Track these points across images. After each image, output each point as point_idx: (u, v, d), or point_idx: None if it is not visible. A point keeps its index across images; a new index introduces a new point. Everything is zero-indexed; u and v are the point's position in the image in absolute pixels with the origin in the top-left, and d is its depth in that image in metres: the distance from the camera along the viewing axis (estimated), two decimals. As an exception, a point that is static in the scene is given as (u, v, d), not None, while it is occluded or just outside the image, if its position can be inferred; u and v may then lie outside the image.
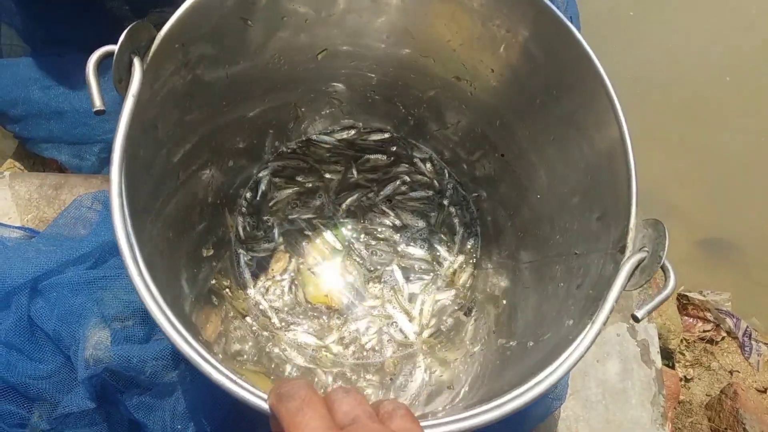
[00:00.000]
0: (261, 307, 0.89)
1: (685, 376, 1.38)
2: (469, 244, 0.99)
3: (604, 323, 0.55)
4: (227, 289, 0.83)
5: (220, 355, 0.75)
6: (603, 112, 0.64)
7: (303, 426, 0.35)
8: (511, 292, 0.85)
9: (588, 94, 0.64)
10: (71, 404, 0.76)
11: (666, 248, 0.54)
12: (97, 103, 0.49)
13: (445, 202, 1.01)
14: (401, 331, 0.91)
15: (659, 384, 1.04)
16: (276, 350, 0.86)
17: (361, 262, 0.95)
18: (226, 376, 0.44)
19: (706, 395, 1.36)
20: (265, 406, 0.43)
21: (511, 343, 0.74)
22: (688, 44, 1.60)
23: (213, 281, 0.79)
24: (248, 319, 0.85)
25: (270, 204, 0.97)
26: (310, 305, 0.92)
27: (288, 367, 0.84)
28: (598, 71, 0.62)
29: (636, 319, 0.55)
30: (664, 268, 0.54)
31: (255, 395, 0.44)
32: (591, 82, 0.63)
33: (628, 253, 0.57)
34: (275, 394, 0.38)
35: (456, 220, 1.00)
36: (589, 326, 0.54)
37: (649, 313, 0.54)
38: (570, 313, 0.64)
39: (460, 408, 0.55)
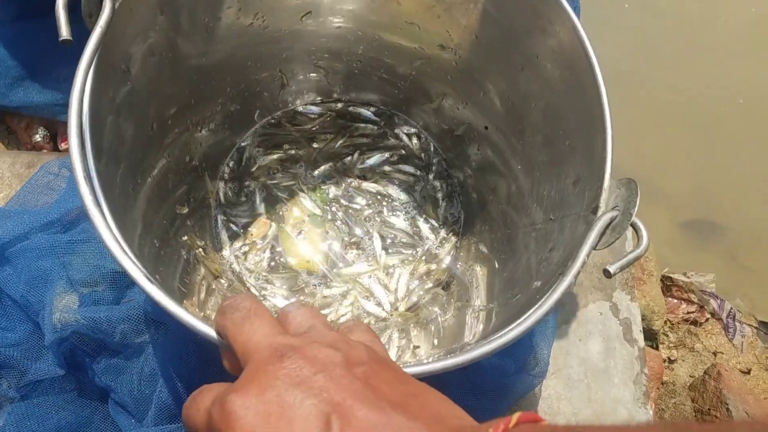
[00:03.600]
0: (236, 270, 0.89)
1: (668, 358, 1.38)
2: (451, 219, 0.98)
3: (575, 277, 0.54)
4: (201, 249, 0.82)
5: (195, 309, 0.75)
6: (583, 73, 0.63)
7: (251, 334, 0.32)
8: (489, 263, 0.85)
9: (569, 59, 0.64)
10: (40, 371, 0.75)
11: (637, 205, 0.53)
12: (64, 33, 0.48)
13: (430, 176, 1.00)
14: (378, 303, 0.90)
15: (642, 363, 1.03)
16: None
17: (340, 228, 0.95)
18: (193, 315, 0.43)
19: (690, 376, 1.36)
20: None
21: (481, 308, 0.74)
22: (677, 25, 1.60)
23: (185, 237, 0.78)
24: (222, 280, 0.84)
25: (252, 169, 0.96)
26: (290, 271, 0.91)
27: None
28: (582, 39, 0.62)
29: (608, 274, 0.54)
30: (635, 227, 0.54)
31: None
32: (573, 47, 0.63)
33: (600, 213, 0.56)
34: (219, 310, 0.35)
35: (440, 195, 0.99)
36: (559, 281, 0.54)
37: (622, 269, 0.54)
38: (540, 275, 0.64)
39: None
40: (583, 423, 0.50)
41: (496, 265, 0.82)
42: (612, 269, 0.55)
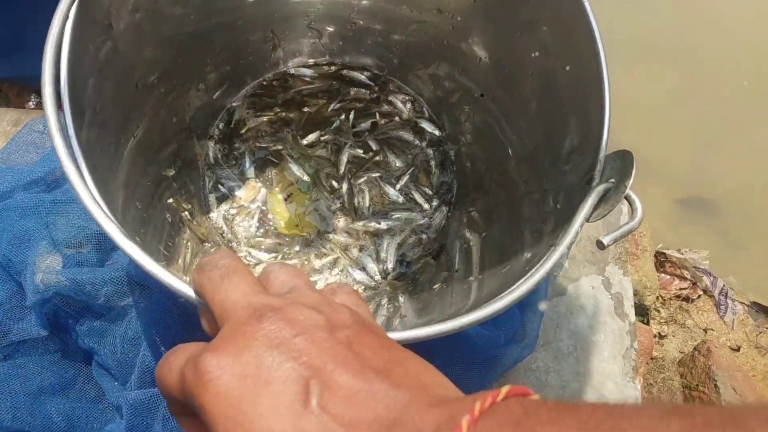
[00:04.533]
0: (224, 232, 0.87)
1: (659, 333, 1.38)
2: (444, 187, 0.97)
3: (568, 248, 0.53)
4: (186, 212, 0.81)
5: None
6: (582, 41, 0.61)
7: (229, 293, 0.30)
8: (480, 233, 0.84)
9: (568, 25, 0.62)
10: (23, 332, 0.74)
11: (632, 177, 0.52)
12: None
13: (423, 144, 0.98)
14: (366, 271, 0.89)
15: (632, 337, 1.03)
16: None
17: (328, 195, 0.93)
18: (172, 274, 0.42)
19: (680, 352, 1.37)
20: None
21: (470, 278, 0.73)
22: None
23: (170, 200, 0.76)
24: (207, 244, 0.83)
25: (242, 131, 0.94)
26: (279, 235, 0.90)
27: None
28: (583, 4, 0.60)
29: (601, 246, 0.53)
30: (629, 200, 0.53)
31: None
32: (573, 12, 0.61)
33: (594, 183, 0.55)
34: (197, 267, 0.33)
35: (433, 163, 0.98)
36: (550, 251, 0.53)
37: (615, 241, 0.53)
38: (531, 247, 0.63)
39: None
40: (577, 401, 0.49)
41: (487, 236, 0.81)
42: (605, 240, 0.54)
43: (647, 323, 1.35)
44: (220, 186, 0.92)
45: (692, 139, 1.49)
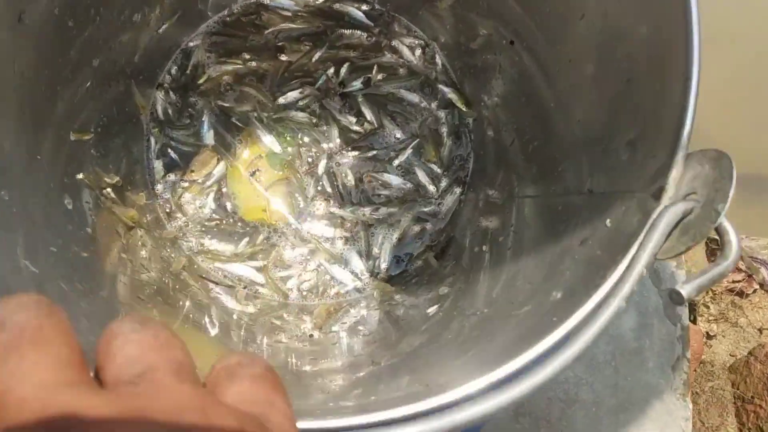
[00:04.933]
0: (171, 210, 0.68)
1: (707, 332, 1.19)
2: (457, 162, 0.75)
3: (625, 301, 0.36)
4: (109, 189, 0.61)
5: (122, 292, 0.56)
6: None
7: (14, 380, 0.17)
8: (496, 235, 0.62)
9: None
10: None
11: (729, 198, 0.36)
12: None
13: (434, 105, 0.76)
14: (350, 268, 0.69)
15: (684, 344, 0.84)
16: (184, 279, 0.66)
17: (306, 175, 0.72)
18: None
19: (730, 355, 1.19)
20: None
21: (474, 311, 0.52)
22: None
23: (80, 175, 0.57)
24: (138, 232, 0.63)
25: (200, 81, 0.73)
26: (238, 222, 0.70)
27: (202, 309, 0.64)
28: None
29: (678, 299, 0.36)
30: (720, 231, 0.37)
31: None
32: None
33: (666, 200, 0.38)
34: None
35: (444, 130, 0.76)
36: (593, 309, 0.36)
37: (700, 292, 0.37)
38: (562, 282, 0.42)
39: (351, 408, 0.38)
40: None
41: (504, 240, 0.60)
42: (686, 291, 0.37)
43: (694, 321, 1.15)
44: (169, 151, 0.72)
45: (752, 111, 1.22)
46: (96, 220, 0.58)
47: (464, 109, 0.76)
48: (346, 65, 0.75)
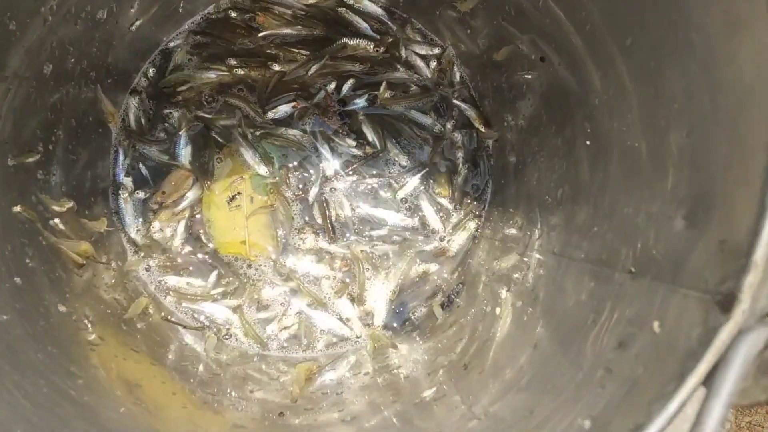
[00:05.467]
0: (137, 232, 0.59)
1: None
2: (473, 193, 0.65)
3: None
4: (56, 220, 0.52)
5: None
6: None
7: None
8: (513, 296, 0.52)
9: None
10: None
11: None
12: None
13: (449, 126, 0.65)
14: (340, 317, 0.60)
15: None
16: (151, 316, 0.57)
17: (298, 198, 0.63)
18: None
19: None
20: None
21: (479, 412, 0.42)
22: None
23: (17, 208, 0.48)
24: (87, 272, 0.54)
25: (179, 89, 0.63)
26: (214, 255, 0.61)
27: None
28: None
29: None
30: None
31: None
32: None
33: (739, 315, 0.28)
34: None
35: (460, 155, 0.65)
36: None
37: None
38: (593, 401, 0.32)
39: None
40: None
41: (522, 306, 0.50)
42: None
43: None
44: (140, 165, 0.62)
45: None
46: (33, 257, 0.49)
47: (483, 130, 0.65)
48: (350, 82, 0.64)
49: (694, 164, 0.36)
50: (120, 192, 0.62)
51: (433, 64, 0.67)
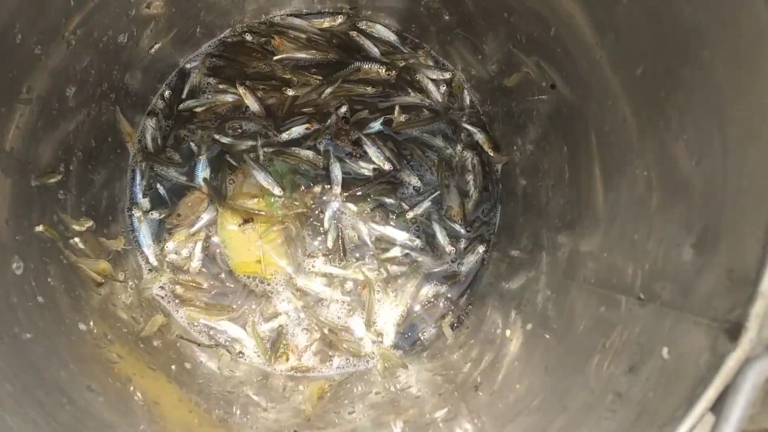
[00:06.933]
0: (149, 259, 0.60)
1: None
2: (482, 214, 0.66)
3: None
4: (77, 239, 0.53)
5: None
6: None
7: None
8: (523, 318, 0.53)
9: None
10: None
11: None
12: None
13: (459, 147, 0.66)
14: (351, 332, 0.61)
15: None
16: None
17: (310, 218, 0.64)
18: None
19: None
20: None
21: (486, 431, 0.43)
22: None
23: (40, 227, 0.49)
24: (106, 289, 0.55)
25: (197, 110, 0.65)
26: (230, 275, 0.62)
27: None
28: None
29: None
30: None
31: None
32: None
33: (746, 343, 0.29)
34: None
35: (470, 179, 0.66)
36: None
37: None
38: (604, 427, 0.33)
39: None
40: None
41: (532, 330, 0.51)
42: None
43: None
44: (158, 186, 0.64)
45: None
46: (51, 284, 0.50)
47: (492, 154, 0.66)
48: (365, 112, 0.66)
49: (703, 193, 0.37)
50: (133, 211, 0.63)
51: (443, 88, 0.68)
